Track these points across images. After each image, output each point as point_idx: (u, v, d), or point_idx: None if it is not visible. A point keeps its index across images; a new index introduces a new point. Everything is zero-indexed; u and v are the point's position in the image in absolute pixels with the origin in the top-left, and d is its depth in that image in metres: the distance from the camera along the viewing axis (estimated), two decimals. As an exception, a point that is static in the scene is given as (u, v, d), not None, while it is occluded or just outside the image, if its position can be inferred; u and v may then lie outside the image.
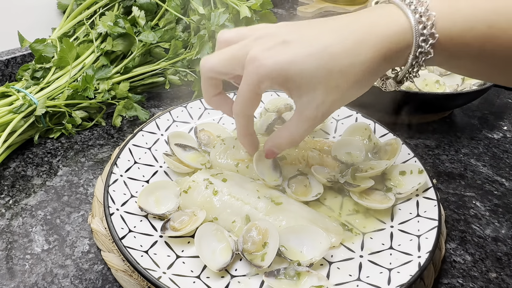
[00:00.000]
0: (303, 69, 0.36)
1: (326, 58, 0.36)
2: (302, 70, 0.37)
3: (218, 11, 0.69)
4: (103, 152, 0.63)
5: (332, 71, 0.36)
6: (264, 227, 0.44)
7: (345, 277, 0.42)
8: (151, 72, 0.73)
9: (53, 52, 0.68)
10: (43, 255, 0.47)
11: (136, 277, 0.43)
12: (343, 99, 0.39)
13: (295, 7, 1.30)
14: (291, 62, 0.37)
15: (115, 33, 0.68)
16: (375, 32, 0.37)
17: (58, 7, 0.82)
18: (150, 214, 0.48)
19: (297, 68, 0.37)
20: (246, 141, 0.47)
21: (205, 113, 0.64)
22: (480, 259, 0.49)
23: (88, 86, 0.65)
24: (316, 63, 0.36)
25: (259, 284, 0.42)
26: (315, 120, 0.40)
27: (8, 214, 0.52)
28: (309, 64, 0.36)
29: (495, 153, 0.68)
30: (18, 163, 0.60)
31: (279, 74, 0.37)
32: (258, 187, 0.50)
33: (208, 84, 0.44)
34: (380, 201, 0.49)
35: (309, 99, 0.38)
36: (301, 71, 0.37)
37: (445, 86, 0.74)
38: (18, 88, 0.62)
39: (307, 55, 0.36)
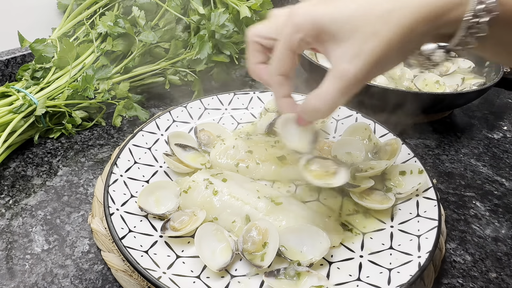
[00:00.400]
0: (337, 16, 0.34)
1: (363, 2, 0.34)
2: (336, 17, 0.34)
3: (218, 11, 0.69)
4: (103, 152, 0.63)
5: (370, 15, 0.33)
6: (264, 227, 0.44)
7: (345, 277, 0.42)
8: (151, 72, 0.73)
9: (53, 52, 0.68)
10: (43, 255, 0.47)
11: (136, 277, 0.43)
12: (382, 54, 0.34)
13: (295, 7, 1.30)
14: (325, 12, 0.34)
15: (115, 33, 0.68)
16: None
17: (58, 7, 0.82)
18: (150, 214, 0.48)
19: (331, 16, 0.34)
20: (283, 103, 0.42)
21: (205, 113, 0.64)
22: (480, 259, 0.49)
23: (88, 86, 0.65)
24: (351, 8, 0.34)
25: (259, 284, 0.42)
26: (350, 76, 0.34)
27: (8, 214, 0.52)
28: (343, 10, 0.34)
29: (495, 153, 0.68)
30: (18, 163, 0.60)
31: (312, 24, 0.35)
32: (258, 187, 0.50)
33: (253, 49, 0.43)
34: (380, 201, 0.49)
35: (344, 50, 0.34)
36: (335, 18, 0.34)
37: (445, 86, 0.74)
38: (18, 88, 0.62)
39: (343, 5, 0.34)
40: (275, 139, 0.57)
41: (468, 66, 0.82)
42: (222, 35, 0.69)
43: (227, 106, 0.66)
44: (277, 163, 0.54)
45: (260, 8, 0.71)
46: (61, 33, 0.72)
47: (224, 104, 0.66)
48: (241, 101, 0.67)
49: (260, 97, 0.68)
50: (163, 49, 0.73)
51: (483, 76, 0.80)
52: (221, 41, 0.70)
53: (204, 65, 0.71)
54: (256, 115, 0.66)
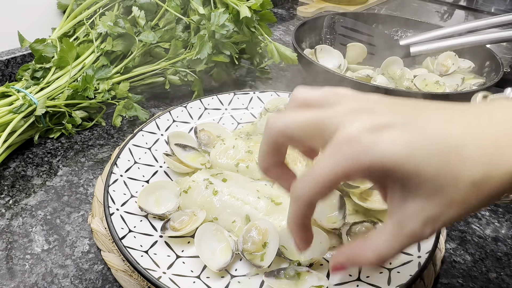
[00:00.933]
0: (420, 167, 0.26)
1: (454, 160, 0.26)
2: (418, 168, 0.26)
3: (218, 11, 0.69)
4: (103, 152, 0.63)
5: (460, 179, 0.26)
6: (264, 227, 0.44)
7: (345, 277, 0.42)
8: (151, 72, 0.73)
9: (53, 52, 0.68)
10: (43, 255, 0.47)
11: (136, 277, 0.43)
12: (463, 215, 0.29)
13: (295, 7, 1.31)
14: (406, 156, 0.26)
15: (115, 33, 0.68)
16: None
17: (58, 7, 0.82)
18: (150, 214, 0.48)
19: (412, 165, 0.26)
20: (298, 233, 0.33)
21: (205, 113, 0.64)
22: (480, 259, 0.49)
23: (88, 86, 0.65)
24: (439, 163, 0.26)
25: (259, 284, 0.42)
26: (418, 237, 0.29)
27: (8, 214, 0.52)
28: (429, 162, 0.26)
29: (495, 153, 0.68)
30: (18, 163, 0.60)
31: (386, 167, 0.27)
32: (258, 187, 0.50)
33: (272, 148, 0.33)
34: (380, 202, 0.49)
35: (418, 209, 0.28)
36: (417, 170, 0.26)
37: (445, 86, 0.74)
38: (18, 88, 0.62)
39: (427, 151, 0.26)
40: (275, 139, 0.57)
41: (468, 66, 0.82)
42: (222, 35, 0.69)
43: (227, 106, 0.66)
44: (277, 163, 0.54)
45: (260, 8, 0.71)
46: (61, 33, 0.72)
47: (224, 104, 0.66)
48: (241, 101, 0.67)
49: (260, 97, 0.68)
50: (163, 49, 0.73)
51: (483, 76, 0.80)
52: (221, 41, 0.70)
53: (204, 65, 0.71)
54: (256, 115, 0.66)
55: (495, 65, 0.77)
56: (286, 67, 0.92)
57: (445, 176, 0.27)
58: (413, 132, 0.27)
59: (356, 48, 0.84)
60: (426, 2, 1.49)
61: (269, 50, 0.75)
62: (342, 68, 0.81)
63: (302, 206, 0.31)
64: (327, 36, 0.90)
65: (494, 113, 0.29)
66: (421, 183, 0.27)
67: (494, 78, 0.73)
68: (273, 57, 0.74)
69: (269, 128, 0.32)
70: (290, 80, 0.87)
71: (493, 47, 0.89)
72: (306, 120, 0.30)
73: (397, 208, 0.29)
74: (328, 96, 0.31)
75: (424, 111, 0.29)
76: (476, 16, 1.41)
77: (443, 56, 0.81)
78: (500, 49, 1.10)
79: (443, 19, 1.38)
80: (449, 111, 0.29)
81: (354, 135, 0.27)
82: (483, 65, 0.81)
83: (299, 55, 0.75)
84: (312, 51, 0.83)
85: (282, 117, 0.31)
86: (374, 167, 0.27)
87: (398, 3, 1.47)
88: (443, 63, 0.81)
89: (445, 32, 0.85)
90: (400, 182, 0.28)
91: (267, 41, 0.75)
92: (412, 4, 1.47)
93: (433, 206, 0.27)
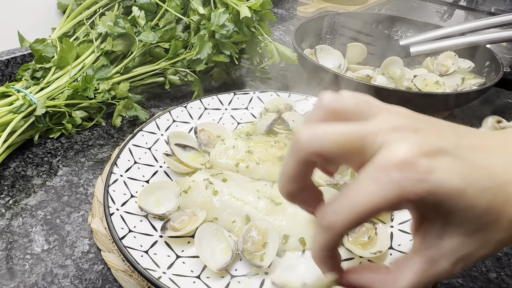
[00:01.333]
0: (473, 202, 0.24)
1: (502, 197, 0.25)
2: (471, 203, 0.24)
3: (218, 11, 0.69)
4: (103, 152, 0.63)
5: (504, 218, 0.25)
6: (264, 227, 0.44)
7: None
8: (151, 72, 0.73)
9: (53, 52, 0.68)
10: (43, 255, 0.47)
11: (136, 277, 0.43)
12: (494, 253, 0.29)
13: (295, 7, 1.31)
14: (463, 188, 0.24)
15: (115, 33, 0.68)
16: None
17: (58, 7, 0.82)
18: (150, 214, 0.48)
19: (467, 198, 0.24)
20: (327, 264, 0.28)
21: (205, 113, 0.64)
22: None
23: (88, 86, 0.65)
24: (490, 199, 0.24)
25: (259, 284, 0.42)
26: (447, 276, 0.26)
27: (8, 214, 0.52)
28: (481, 197, 0.24)
29: (495, 153, 0.68)
30: (18, 163, 0.60)
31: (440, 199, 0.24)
32: (258, 187, 0.50)
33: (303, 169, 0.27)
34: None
35: (455, 247, 0.25)
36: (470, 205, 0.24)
37: (445, 86, 0.74)
38: (18, 88, 0.62)
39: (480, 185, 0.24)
40: (275, 139, 0.57)
41: (468, 66, 0.82)
42: (222, 35, 0.69)
43: (227, 106, 0.66)
44: (277, 163, 0.54)
45: (260, 8, 0.71)
46: (61, 33, 0.72)
47: (224, 104, 0.66)
48: (241, 101, 0.67)
49: (260, 97, 0.68)
50: (163, 49, 0.73)
51: (483, 76, 0.80)
52: (221, 41, 0.70)
53: (204, 65, 0.71)
54: (256, 115, 0.66)
55: (495, 65, 0.77)
56: (286, 67, 0.92)
57: (493, 213, 0.25)
58: (465, 161, 0.25)
59: (356, 48, 0.84)
60: (426, 2, 1.49)
61: (269, 50, 0.75)
62: (342, 68, 0.81)
63: (334, 237, 0.26)
64: (327, 36, 0.90)
65: None
66: (469, 219, 0.25)
67: (494, 78, 0.73)
68: (273, 57, 0.74)
69: (300, 144, 0.26)
70: (290, 80, 0.87)
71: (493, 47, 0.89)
72: (344, 136, 0.25)
73: (432, 244, 0.26)
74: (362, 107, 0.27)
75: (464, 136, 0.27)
76: (476, 16, 1.41)
77: (443, 56, 0.81)
78: (500, 49, 1.10)
79: (443, 19, 1.38)
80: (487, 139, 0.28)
81: (407, 159, 0.23)
82: (483, 65, 0.81)
83: (299, 55, 0.75)
84: (312, 51, 0.83)
85: (315, 131, 0.26)
86: (429, 198, 0.23)
87: (398, 3, 1.47)
88: (443, 63, 0.81)
89: (445, 32, 0.85)
90: (445, 216, 0.25)
91: (267, 41, 0.75)
92: (412, 4, 1.47)
93: (471, 245, 0.25)
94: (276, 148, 0.55)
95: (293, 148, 0.26)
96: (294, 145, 0.26)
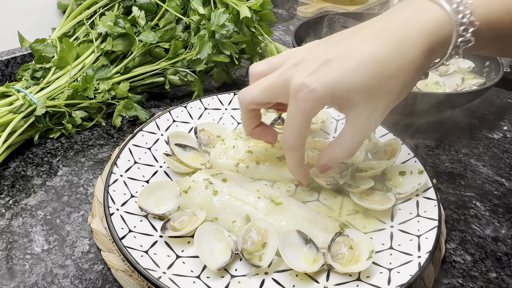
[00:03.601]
0: (353, 84, 0.36)
1: (373, 66, 0.36)
2: (352, 85, 0.36)
3: (218, 11, 0.69)
4: (103, 152, 0.63)
5: (381, 78, 0.36)
6: (263, 228, 0.44)
7: (345, 277, 0.42)
8: (151, 72, 0.73)
9: (53, 52, 0.68)
10: (43, 255, 0.47)
11: (136, 277, 0.43)
12: (394, 101, 0.39)
13: (295, 7, 1.30)
14: (339, 81, 0.36)
15: (115, 33, 0.68)
16: (415, 29, 0.36)
17: (58, 7, 0.82)
18: (150, 214, 0.48)
19: (346, 85, 0.36)
20: (299, 173, 0.45)
21: (205, 113, 0.64)
22: (480, 259, 0.49)
23: (88, 86, 0.65)
24: (364, 74, 0.36)
25: (259, 284, 0.42)
26: (369, 128, 0.39)
27: (8, 214, 0.52)
28: (357, 77, 0.36)
29: (495, 153, 0.68)
30: (18, 163, 0.60)
31: (331, 95, 0.37)
32: (258, 187, 0.50)
33: (249, 117, 0.44)
34: (380, 201, 0.49)
35: (361, 110, 0.38)
36: (351, 87, 0.36)
37: (445, 86, 0.74)
38: (18, 88, 0.62)
39: (353, 69, 0.36)
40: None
41: (468, 66, 0.82)
42: (222, 35, 0.69)
43: (227, 106, 0.66)
44: (277, 163, 0.54)
45: (260, 8, 0.71)
46: (61, 33, 0.72)
47: (224, 104, 0.66)
48: (241, 101, 0.67)
49: (260, 97, 0.68)
50: (163, 49, 0.73)
51: (483, 76, 0.80)
52: (221, 41, 0.70)
53: (204, 65, 0.71)
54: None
55: (495, 65, 0.77)
56: (286, 67, 0.92)
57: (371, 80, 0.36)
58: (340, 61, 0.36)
59: (356, 48, 0.84)
60: (426, 2, 1.49)
61: (269, 50, 0.75)
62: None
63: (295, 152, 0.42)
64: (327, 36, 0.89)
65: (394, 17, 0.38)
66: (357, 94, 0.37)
67: (494, 78, 0.73)
68: (273, 57, 0.74)
69: (241, 102, 0.43)
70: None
71: (493, 47, 0.89)
72: (265, 86, 0.40)
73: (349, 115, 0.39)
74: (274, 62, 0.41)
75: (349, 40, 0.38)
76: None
77: (443, 56, 0.81)
78: (500, 49, 1.09)
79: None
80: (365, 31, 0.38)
81: (300, 83, 0.37)
82: (483, 65, 0.81)
83: (299, 55, 0.74)
84: (312, 51, 0.83)
85: (248, 90, 0.42)
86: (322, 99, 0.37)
87: (398, 3, 1.47)
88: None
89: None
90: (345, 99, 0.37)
91: (267, 41, 0.75)
92: (412, 4, 1.47)
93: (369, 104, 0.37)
94: (276, 148, 0.55)
95: (239, 105, 0.43)
96: (239, 103, 0.43)
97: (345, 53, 0.37)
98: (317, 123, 0.61)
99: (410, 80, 0.38)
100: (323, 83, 0.36)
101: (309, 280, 0.42)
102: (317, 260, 0.42)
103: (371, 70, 0.36)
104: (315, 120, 0.62)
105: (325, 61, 0.37)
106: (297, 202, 0.49)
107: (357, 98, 0.37)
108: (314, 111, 0.38)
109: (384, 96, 0.37)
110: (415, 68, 0.37)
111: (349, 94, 0.37)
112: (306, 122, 0.39)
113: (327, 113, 0.62)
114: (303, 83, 0.37)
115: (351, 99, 0.37)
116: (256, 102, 0.42)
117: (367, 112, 0.38)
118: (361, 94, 0.37)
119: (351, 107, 0.38)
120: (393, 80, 0.37)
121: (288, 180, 0.54)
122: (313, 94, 0.36)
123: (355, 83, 0.36)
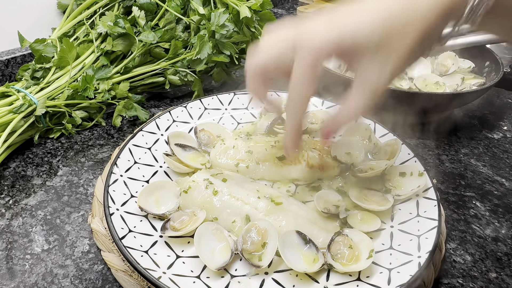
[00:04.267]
0: (359, 33, 0.35)
1: (381, 19, 0.35)
2: (358, 34, 0.35)
3: (218, 11, 0.69)
4: (103, 152, 0.63)
5: (389, 32, 0.35)
6: (263, 228, 0.44)
7: (345, 277, 0.42)
8: (151, 72, 0.73)
9: (53, 52, 0.68)
10: (43, 255, 0.47)
11: (136, 277, 0.43)
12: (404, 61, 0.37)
13: (295, 7, 1.30)
14: (346, 29, 0.35)
15: (115, 33, 0.68)
16: None
17: (58, 7, 0.82)
18: (150, 214, 0.48)
19: (353, 33, 0.35)
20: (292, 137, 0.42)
21: (205, 113, 0.64)
22: (480, 259, 0.49)
23: (88, 86, 0.65)
24: (371, 25, 0.35)
25: (259, 284, 0.42)
26: (378, 87, 0.37)
27: (8, 214, 0.52)
28: (364, 27, 0.35)
29: (495, 153, 0.68)
30: (18, 163, 0.60)
31: (337, 42, 0.35)
32: (258, 187, 0.50)
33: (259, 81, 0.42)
34: (378, 202, 0.49)
35: (371, 67, 0.36)
36: (357, 36, 0.35)
37: (445, 86, 0.74)
38: (18, 88, 0.62)
39: (361, 20, 0.35)
40: (275, 139, 0.57)
41: (468, 66, 0.82)
42: (222, 35, 0.69)
43: (227, 106, 0.66)
44: (277, 163, 0.54)
45: (260, 8, 0.71)
46: (61, 33, 0.72)
47: (224, 104, 0.66)
48: (241, 101, 0.67)
49: (260, 97, 0.68)
50: (163, 49, 0.73)
51: (483, 76, 0.80)
52: (221, 41, 0.70)
53: (204, 65, 0.71)
54: (256, 115, 0.66)
55: (495, 65, 0.77)
56: (286, 67, 0.92)
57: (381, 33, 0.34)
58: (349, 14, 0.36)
59: (356, 48, 0.84)
60: (426, 2, 1.49)
61: (269, 50, 0.75)
62: (342, 68, 0.81)
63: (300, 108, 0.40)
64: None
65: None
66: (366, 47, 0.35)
67: (494, 78, 0.73)
68: (273, 57, 0.74)
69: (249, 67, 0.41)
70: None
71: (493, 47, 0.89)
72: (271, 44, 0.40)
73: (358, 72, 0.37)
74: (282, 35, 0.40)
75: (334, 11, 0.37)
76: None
77: (443, 56, 0.81)
78: (500, 49, 1.10)
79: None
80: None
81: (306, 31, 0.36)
82: (483, 65, 0.81)
83: (299, 55, 0.74)
84: (312, 51, 0.83)
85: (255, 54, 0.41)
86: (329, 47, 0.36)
87: None
88: (443, 63, 0.81)
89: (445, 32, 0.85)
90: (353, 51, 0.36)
91: (267, 41, 0.75)
92: (412, 4, 1.47)
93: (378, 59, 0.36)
94: (276, 148, 0.55)
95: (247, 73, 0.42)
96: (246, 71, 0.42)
97: (355, 7, 0.36)
98: (317, 123, 0.61)
99: (421, 40, 0.35)
100: (329, 29, 0.35)
101: (309, 280, 0.42)
102: (317, 260, 0.42)
103: (379, 22, 0.35)
104: (315, 120, 0.62)
105: (331, 14, 0.36)
106: (297, 202, 0.49)
107: (364, 49, 0.35)
108: (319, 61, 0.36)
109: (392, 53, 0.35)
110: (427, 26, 0.34)
111: (356, 44, 0.35)
112: (313, 72, 0.37)
113: (327, 113, 0.62)
114: (307, 30, 0.36)
115: (358, 50, 0.35)
116: (265, 68, 0.40)
117: (375, 67, 0.36)
118: (368, 45, 0.35)
119: (359, 59, 0.36)
120: (402, 36, 0.35)
121: (288, 180, 0.54)
122: (317, 42, 0.35)
123: (362, 32, 0.35)
